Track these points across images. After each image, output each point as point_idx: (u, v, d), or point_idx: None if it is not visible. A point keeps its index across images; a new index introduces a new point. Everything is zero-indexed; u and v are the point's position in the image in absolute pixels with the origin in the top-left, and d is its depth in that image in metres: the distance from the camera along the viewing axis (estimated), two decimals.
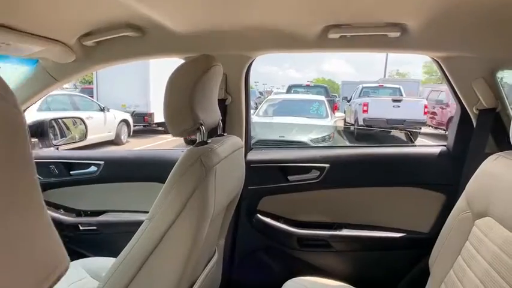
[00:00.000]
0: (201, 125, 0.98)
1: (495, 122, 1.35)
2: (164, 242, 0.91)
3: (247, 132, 1.62)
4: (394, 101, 9.06)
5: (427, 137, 9.63)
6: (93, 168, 1.73)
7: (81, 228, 1.72)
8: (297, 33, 1.30)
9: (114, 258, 0.95)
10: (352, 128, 10.05)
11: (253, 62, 1.54)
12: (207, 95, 1.05)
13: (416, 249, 1.51)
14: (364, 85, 11.55)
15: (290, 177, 1.60)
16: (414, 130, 9.00)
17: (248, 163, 1.58)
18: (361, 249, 1.56)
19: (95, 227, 1.72)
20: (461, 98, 1.41)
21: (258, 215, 1.62)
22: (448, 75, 1.38)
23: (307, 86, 12.49)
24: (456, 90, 1.40)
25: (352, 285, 1.39)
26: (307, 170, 1.59)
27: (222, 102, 1.48)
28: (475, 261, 1.05)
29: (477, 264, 1.03)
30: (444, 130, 9.67)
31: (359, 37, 1.26)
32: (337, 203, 1.60)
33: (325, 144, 5.28)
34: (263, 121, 6.17)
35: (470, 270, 1.06)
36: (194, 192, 0.89)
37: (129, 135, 8.85)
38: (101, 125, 7.83)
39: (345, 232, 1.57)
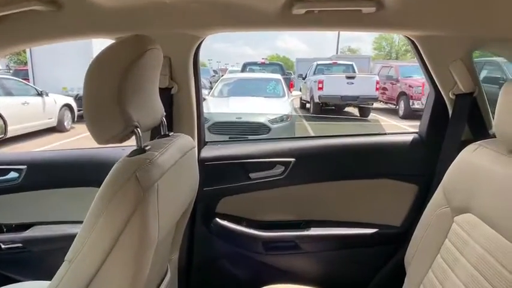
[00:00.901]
0: (136, 127, 0.75)
1: (472, 108, 1.26)
2: (93, 286, 0.69)
3: (200, 126, 1.40)
4: (348, 77, 9.20)
5: (379, 112, 9.98)
6: (13, 175, 1.42)
7: (2, 246, 1.43)
8: (254, 8, 1.09)
9: (48, 282, 0.73)
10: (307, 105, 10.14)
11: (203, 42, 1.30)
12: (144, 87, 0.81)
13: (389, 245, 1.43)
14: (319, 62, 11.59)
15: (252, 175, 1.41)
16: (367, 106, 9.27)
17: (202, 161, 1.37)
18: (332, 248, 1.44)
19: (20, 244, 1.43)
20: (437, 82, 1.29)
21: (217, 219, 1.43)
22: (424, 56, 1.25)
23: (263, 63, 12.23)
24: (432, 73, 1.28)
25: (323, 287, 1.27)
26: (271, 165, 1.41)
27: (166, 92, 1.24)
28: (458, 263, 0.95)
29: (461, 268, 0.93)
30: (394, 105, 10.03)
31: (328, 13, 1.09)
32: (305, 200, 1.46)
33: (284, 124, 5.18)
34: (219, 102, 5.90)
35: (453, 273, 0.95)
36: (129, 221, 0.68)
37: (73, 121, 8.17)
38: (39, 111, 7.18)
39: (314, 231, 1.43)
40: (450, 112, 1.31)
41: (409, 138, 1.43)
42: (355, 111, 9.87)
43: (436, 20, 1.06)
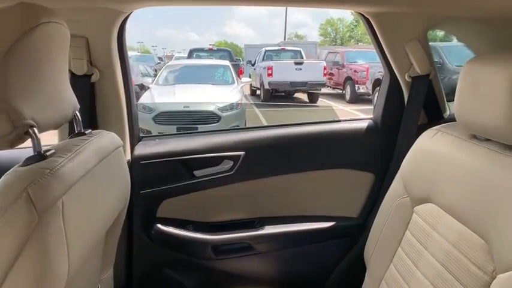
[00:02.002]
0: (31, 127, 0.57)
1: (428, 91, 1.20)
2: None
3: (132, 119, 1.19)
4: (296, 63, 9.27)
5: (327, 97, 10.22)
6: None
7: None
8: None
9: None
10: (258, 91, 10.07)
11: (130, 19, 1.09)
12: (42, 74, 0.62)
13: (346, 238, 1.36)
14: (267, 48, 11.53)
15: (196, 172, 1.25)
16: (316, 91, 9.44)
17: (137, 160, 1.18)
18: (288, 246, 1.34)
19: None
20: (392, 64, 1.21)
21: (158, 225, 1.25)
22: (379, 35, 1.16)
23: (210, 50, 11.87)
24: (387, 54, 1.20)
25: None
26: (218, 160, 1.26)
27: (84, 81, 1.03)
28: (422, 258, 0.88)
29: (426, 263, 0.86)
30: (341, 90, 10.31)
31: None
32: (257, 196, 1.33)
33: (235, 112, 5.03)
34: (164, 90, 5.56)
35: (417, 269, 0.89)
36: (19, 256, 0.50)
37: None
38: None
39: (269, 230, 1.31)
40: (406, 96, 1.25)
41: (363, 124, 1.35)
42: (304, 97, 10.00)
43: None
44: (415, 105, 1.20)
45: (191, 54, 11.18)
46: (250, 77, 10.49)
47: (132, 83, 1.21)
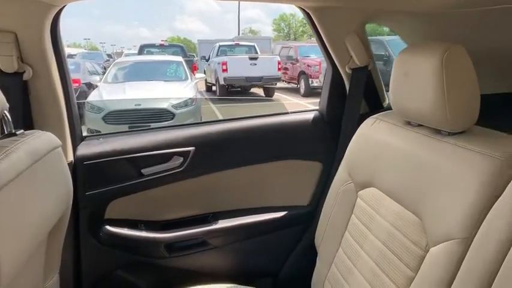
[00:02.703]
0: None
1: (367, 82, 1.26)
2: None
3: (72, 118, 1.14)
4: (251, 58, 9.29)
5: (283, 92, 10.38)
6: None
7: None
8: None
9: None
10: (214, 87, 9.98)
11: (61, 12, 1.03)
12: None
13: (298, 226, 1.40)
14: (221, 43, 11.43)
15: (144, 171, 1.22)
16: (271, 86, 9.53)
17: (80, 160, 1.13)
18: (242, 238, 1.35)
19: None
20: (334, 57, 1.26)
21: (107, 226, 1.21)
22: (319, 29, 1.20)
23: (162, 45, 11.49)
24: (328, 47, 1.24)
25: (237, 281, 1.18)
26: (167, 157, 1.24)
27: (15, 79, 0.96)
28: (367, 240, 0.93)
29: (370, 245, 0.92)
30: (296, 84, 10.51)
31: None
32: (209, 191, 1.33)
33: (190, 108, 4.94)
34: (113, 88, 5.32)
35: (363, 250, 0.94)
36: None
37: None
38: None
39: (222, 224, 1.32)
40: (347, 87, 1.30)
41: (310, 116, 1.39)
42: (260, 91, 10.07)
43: None
44: (356, 95, 1.27)
45: (142, 50, 10.77)
46: (204, 73, 10.36)
47: (71, 81, 1.15)
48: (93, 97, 5.07)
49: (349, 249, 1.00)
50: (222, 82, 9.14)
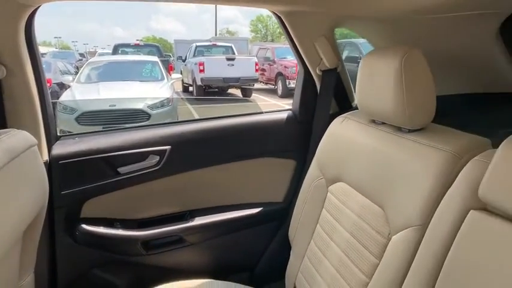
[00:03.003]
0: None
1: (336, 83, 1.32)
2: None
3: (47, 117, 1.13)
4: (228, 59, 9.26)
5: (260, 92, 10.44)
6: None
7: None
8: None
9: None
10: (191, 88, 9.90)
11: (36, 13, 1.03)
12: None
13: (274, 222, 1.45)
14: (198, 44, 11.34)
15: (121, 169, 1.23)
16: (248, 87, 9.56)
17: (55, 160, 1.13)
18: (218, 235, 1.38)
19: None
20: (305, 59, 1.32)
21: (83, 225, 1.21)
22: (291, 32, 1.25)
23: (137, 45, 11.27)
24: (299, 50, 1.30)
25: (214, 276, 1.21)
26: (143, 156, 1.25)
27: None
28: (336, 232, 0.99)
29: (339, 236, 0.98)
30: (273, 85, 10.60)
31: None
32: (186, 189, 1.35)
33: (166, 109, 4.90)
34: (87, 89, 5.20)
35: (332, 241, 1.00)
36: None
37: None
38: None
39: (199, 221, 1.34)
40: (318, 88, 1.36)
41: (283, 115, 1.44)
42: (238, 92, 10.08)
43: None
44: (326, 96, 1.33)
45: (116, 50, 10.53)
46: (181, 73, 10.27)
47: (45, 80, 1.14)
48: (65, 98, 4.94)
49: (320, 241, 1.05)
50: (199, 83, 9.08)
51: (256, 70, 9.49)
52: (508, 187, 0.59)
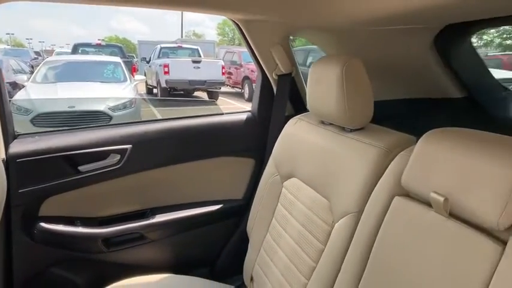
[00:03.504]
0: None
1: (291, 87, 1.42)
2: None
3: (4, 115, 1.13)
4: (194, 62, 9.21)
5: (227, 96, 10.47)
6: None
7: None
8: None
9: None
10: (155, 90, 9.73)
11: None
12: None
13: (233, 218, 1.51)
14: (163, 45, 11.16)
15: (81, 168, 1.24)
16: (215, 90, 9.55)
17: (13, 158, 1.13)
18: (179, 231, 1.42)
19: None
20: (262, 64, 1.40)
21: (41, 224, 1.21)
22: (248, 39, 1.33)
23: (99, 45, 10.89)
24: (257, 55, 1.38)
25: (175, 272, 1.26)
26: (104, 155, 1.27)
27: None
28: (289, 223, 1.08)
29: (291, 227, 1.07)
30: (240, 89, 10.68)
31: None
32: (146, 188, 1.38)
33: (128, 111, 4.81)
34: (43, 89, 4.99)
35: (285, 232, 1.08)
36: None
37: None
38: None
39: (160, 218, 1.38)
40: (275, 91, 1.45)
41: (243, 116, 1.52)
42: (204, 95, 10.04)
43: (255, 5, 1.13)
44: (282, 98, 1.42)
45: (76, 49, 10.11)
46: (145, 75, 10.06)
47: (3, 77, 1.14)
48: (19, 98, 4.71)
49: (275, 234, 1.13)
50: (163, 85, 8.94)
51: (223, 73, 9.50)
52: (423, 176, 0.70)
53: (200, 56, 10.70)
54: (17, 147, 1.17)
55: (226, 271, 1.50)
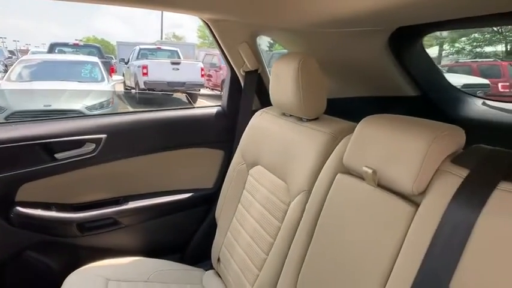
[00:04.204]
0: None
1: (258, 82, 1.53)
2: None
3: None
4: (173, 63, 9.20)
5: (207, 98, 10.50)
6: None
7: None
8: None
9: None
10: (133, 91, 9.64)
11: None
12: None
13: (203, 206, 1.60)
14: (142, 47, 11.10)
15: (58, 155, 1.31)
16: (194, 92, 9.58)
17: None
18: (151, 217, 1.50)
19: None
20: (230, 61, 1.51)
21: (18, 208, 1.27)
22: (217, 38, 1.43)
23: (76, 45, 10.71)
24: (226, 53, 1.49)
25: (146, 256, 1.33)
26: (79, 143, 1.34)
27: None
28: (252, 206, 1.19)
29: (254, 209, 1.17)
30: (219, 91, 10.75)
31: None
32: (120, 176, 1.46)
33: (105, 111, 4.81)
34: (19, 87, 4.92)
35: (249, 214, 1.19)
36: None
37: None
38: None
39: (133, 205, 1.46)
40: (243, 86, 1.56)
41: (213, 110, 1.62)
42: (183, 97, 10.02)
43: (222, 5, 1.24)
44: (249, 93, 1.53)
45: (52, 48, 9.91)
46: (123, 76, 9.98)
47: None
48: None
49: (240, 217, 1.24)
50: (142, 86, 8.88)
51: (202, 75, 9.52)
52: (359, 154, 0.82)
53: (179, 58, 10.71)
54: None
55: (197, 257, 1.59)
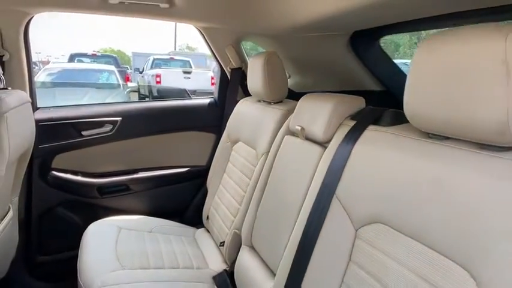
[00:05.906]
0: None
1: (241, 77, 1.89)
2: None
3: (32, 89, 1.58)
4: (185, 72, 9.66)
5: None
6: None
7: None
8: None
9: None
10: (147, 99, 10.10)
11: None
12: None
13: (198, 179, 1.94)
14: (156, 57, 11.62)
15: (84, 133, 1.68)
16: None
17: (36, 122, 1.56)
18: (155, 186, 1.85)
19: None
20: (219, 60, 1.87)
21: (54, 172, 1.64)
22: (208, 42, 1.80)
23: (94, 55, 11.36)
24: (215, 54, 1.85)
25: (149, 216, 1.67)
26: (100, 124, 1.71)
27: None
28: (233, 173, 1.53)
29: (234, 174, 1.51)
30: None
31: (135, 5, 1.44)
32: (132, 151, 1.82)
33: None
34: (42, 94, 5.41)
35: (231, 180, 1.53)
36: None
37: None
38: None
39: (141, 174, 1.82)
40: (229, 81, 1.92)
41: (207, 101, 1.99)
42: None
43: (211, 16, 1.59)
44: (234, 86, 1.88)
45: (72, 59, 10.53)
46: (138, 84, 10.46)
47: (32, 65, 1.59)
48: None
49: (225, 183, 1.58)
50: (155, 93, 9.36)
51: (212, 84, 9.93)
52: (296, 120, 1.15)
53: (191, 68, 11.14)
54: (39, 114, 1.61)
55: (192, 221, 1.92)
